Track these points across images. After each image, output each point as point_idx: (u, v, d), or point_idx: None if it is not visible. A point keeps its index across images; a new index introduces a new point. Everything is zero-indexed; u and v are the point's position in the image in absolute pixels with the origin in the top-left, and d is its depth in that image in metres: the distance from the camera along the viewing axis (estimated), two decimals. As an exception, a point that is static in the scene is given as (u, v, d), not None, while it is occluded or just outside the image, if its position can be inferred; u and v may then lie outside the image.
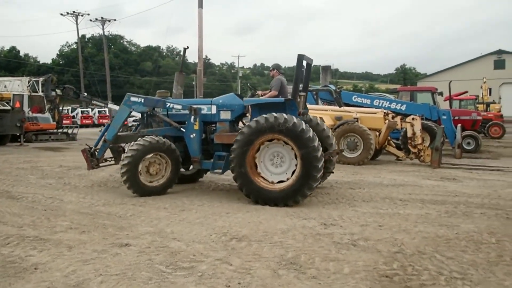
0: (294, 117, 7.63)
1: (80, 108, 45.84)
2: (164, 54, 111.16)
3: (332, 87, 16.37)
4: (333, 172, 9.29)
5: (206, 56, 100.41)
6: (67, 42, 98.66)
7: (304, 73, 8.75)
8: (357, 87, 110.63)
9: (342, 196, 8.58)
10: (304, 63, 8.61)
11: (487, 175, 11.51)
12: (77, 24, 52.40)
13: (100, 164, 9.49)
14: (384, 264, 4.81)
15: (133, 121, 21.84)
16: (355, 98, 16.84)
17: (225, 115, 8.85)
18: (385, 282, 4.31)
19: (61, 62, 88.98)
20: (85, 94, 25.32)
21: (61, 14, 51.17)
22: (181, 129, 9.06)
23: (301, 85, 8.63)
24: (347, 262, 4.89)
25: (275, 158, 7.96)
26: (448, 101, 24.78)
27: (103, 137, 9.42)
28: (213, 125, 9.05)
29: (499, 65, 53.08)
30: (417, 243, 5.60)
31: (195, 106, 8.96)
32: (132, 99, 9.33)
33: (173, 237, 5.81)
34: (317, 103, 16.18)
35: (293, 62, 9.19)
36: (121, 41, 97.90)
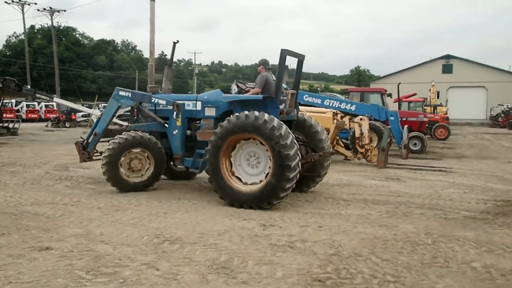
0: (266, 115, 7.18)
1: (26, 101, 43.70)
2: (119, 48, 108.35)
3: (284, 86, 16.28)
4: (320, 177, 8.83)
5: (162, 52, 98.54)
6: (14, 32, 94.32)
7: (296, 71, 8.51)
8: (313, 87, 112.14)
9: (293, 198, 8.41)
10: (295, 60, 8.31)
11: (429, 175, 11.74)
12: (23, 13, 49.88)
13: (94, 158, 9.43)
14: (318, 267, 4.66)
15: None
16: (306, 97, 16.81)
17: (210, 111, 8.48)
18: (317, 287, 4.15)
19: (8, 53, 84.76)
20: (29, 87, 23.97)
21: (6, 2, 48.54)
22: (165, 125, 8.81)
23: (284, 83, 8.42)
24: (281, 265, 4.70)
25: (251, 158, 7.61)
26: (397, 102, 25.45)
27: (94, 131, 9.36)
28: (198, 121, 8.68)
29: (447, 69, 55.13)
30: (354, 244, 5.50)
31: (178, 102, 8.63)
32: (121, 93, 9.25)
33: (101, 240, 5.45)
34: None
35: (252, 61, 9.02)
36: (73, 33, 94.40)
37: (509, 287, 4.26)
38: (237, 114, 7.45)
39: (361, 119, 13.53)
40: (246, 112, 7.35)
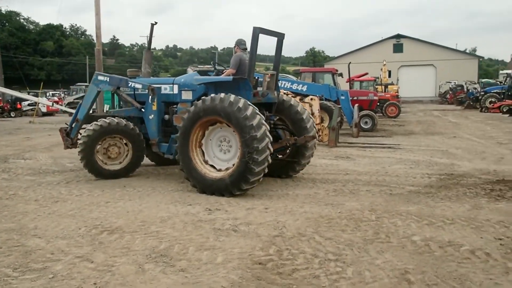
0: (232, 97, 6.82)
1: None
2: (68, 33, 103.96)
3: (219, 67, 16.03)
4: (300, 165, 8.36)
5: (114, 36, 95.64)
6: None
7: (275, 50, 8.04)
8: (269, 69, 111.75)
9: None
10: (274, 39, 7.87)
11: (378, 152, 11.94)
12: (-41, -3, 46.81)
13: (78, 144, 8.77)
14: (260, 250, 4.58)
15: None
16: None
17: (187, 95, 8.11)
18: (257, 270, 4.07)
19: None
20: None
21: None
22: (142, 109, 8.47)
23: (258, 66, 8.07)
24: (222, 250, 4.59)
25: (222, 143, 7.31)
26: (349, 82, 25.78)
27: (76, 117, 9.12)
28: (176, 106, 8.29)
29: (398, 49, 56.37)
30: (299, 224, 5.46)
31: (154, 86, 8.26)
32: (99, 77, 9.00)
33: (34, 234, 5.15)
34: None
35: (207, 44, 8.67)
36: (17, 18, 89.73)
37: (446, 259, 4.32)
38: (203, 97, 7.15)
39: (311, 99, 13.54)
40: (213, 95, 7.06)
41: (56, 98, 37.33)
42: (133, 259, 4.34)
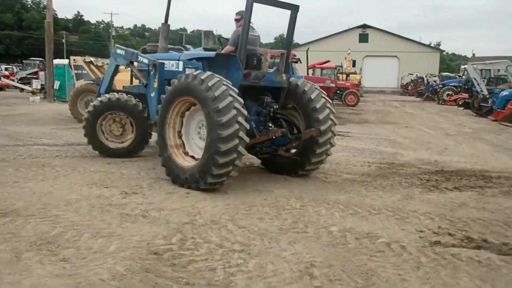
0: (206, 74, 5.91)
1: None
2: (29, 6, 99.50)
3: (190, 47, 15.45)
4: (311, 164, 6.95)
5: (78, 12, 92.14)
6: None
7: (288, 25, 6.89)
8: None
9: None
10: (287, 12, 6.76)
11: (326, 139, 11.68)
12: None
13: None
14: (163, 238, 4.18)
15: None
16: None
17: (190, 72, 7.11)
18: (149, 261, 3.67)
19: None
20: None
21: None
22: (146, 86, 7.80)
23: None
24: (120, 237, 4.17)
25: (201, 130, 6.42)
26: (311, 69, 25.55)
27: (99, 92, 8.76)
28: None
29: (363, 39, 56.57)
30: (216, 211, 5.09)
31: (157, 61, 7.45)
32: (118, 51, 8.47)
33: None
34: None
35: (176, 26, 8.05)
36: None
37: (359, 252, 4.05)
38: (180, 75, 6.41)
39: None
40: (188, 72, 6.37)
41: (7, 73, 35.59)
42: (13, 246, 3.86)
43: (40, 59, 35.33)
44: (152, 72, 7.56)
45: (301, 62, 19.44)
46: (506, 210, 5.64)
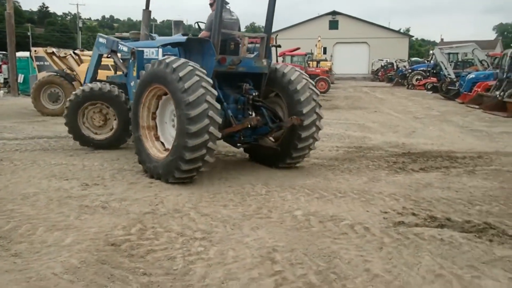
0: (170, 59, 5.59)
1: None
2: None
3: (156, 36, 15.14)
4: (292, 158, 6.55)
5: (43, 4, 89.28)
6: None
7: (267, 9, 6.55)
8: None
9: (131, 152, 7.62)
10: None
11: (296, 126, 11.66)
12: None
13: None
14: (122, 229, 4.05)
15: None
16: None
17: None
18: (106, 252, 3.54)
19: None
20: None
21: None
22: (126, 75, 7.53)
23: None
24: (77, 230, 4.01)
25: (174, 118, 5.83)
26: (281, 56, 25.46)
27: (84, 82, 8.68)
28: None
29: (333, 25, 56.70)
30: (179, 200, 4.98)
31: (136, 49, 7.08)
32: (100, 40, 8.34)
33: None
34: None
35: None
36: None
37: (322, 235, 4.01)
38: (153, 61, 6.07)
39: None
40: (161, 58, 6.07)
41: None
42: (-39, 243, 3.67)
43: (3, 52, 34.12)
44: (131, 60, 7.31)
45: (280, 47, 19.26)
46: (470, 189, 5.70)
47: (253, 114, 6.56)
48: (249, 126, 6.04)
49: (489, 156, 7.77)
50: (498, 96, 15.48)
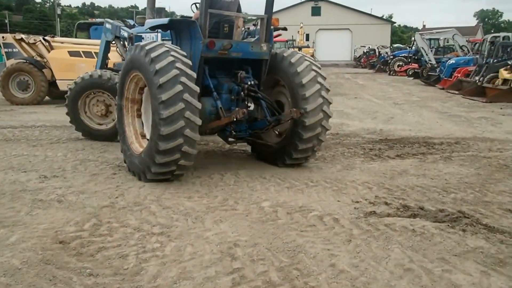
0: (151, 45, 4.93)
1: None
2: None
3: (130, 22, 14.70)
4: (291, 159, 5.78)
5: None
6: None
7: None
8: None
9: (105, 143, 7.29)
10: None
11: (273, 113, 11.42)
12: None
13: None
14: (74, 225, 3.77)
15: None
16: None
17: None
18: (52, 251, 3.26)
19: None
20: None
21: None
22: None
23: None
24: (26, 226, 3.72)
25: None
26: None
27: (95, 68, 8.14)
28: None
29: (316, 12, 56.34)
30: (141, 192, 4.71)
31: (134, 34, 6.80)
32: (107, 25, 8.04)
33: None
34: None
35: (127, 3, 7.45)
36: None
37: (289, 227, 3.79)
38: (131, 46, 5.62)
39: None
40: (138, 43, 5.33)
41: None
42: None
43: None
44: (129, 46, 6.92)
45: (286, 30, 18.81)
46: (446, 176, 5.55)
47: (252, 106, 5.84)
48: (234, 120, 5.17)
49: (466, 142, 7.65)
50: (477, 81, 15.45)
